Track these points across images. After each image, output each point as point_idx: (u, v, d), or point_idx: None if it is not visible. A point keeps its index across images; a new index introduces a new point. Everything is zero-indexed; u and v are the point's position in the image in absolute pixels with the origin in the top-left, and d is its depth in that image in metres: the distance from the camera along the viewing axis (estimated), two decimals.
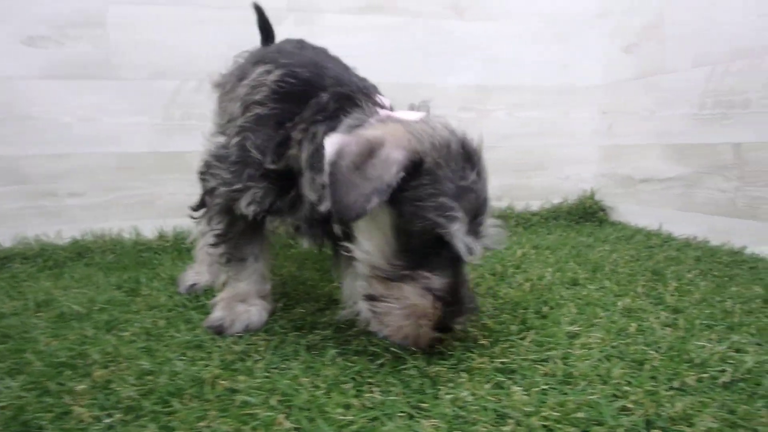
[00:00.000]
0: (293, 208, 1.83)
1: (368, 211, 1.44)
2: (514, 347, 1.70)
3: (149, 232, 3.36)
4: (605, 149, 4.19)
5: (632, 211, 3.94)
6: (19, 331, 1.92)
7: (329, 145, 1.51)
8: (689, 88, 3.36)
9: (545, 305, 2.10)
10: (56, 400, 1.41)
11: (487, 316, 1.99)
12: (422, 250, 1.55)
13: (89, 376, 1.54)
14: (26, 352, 1.70)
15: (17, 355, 1.69)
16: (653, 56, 3.65)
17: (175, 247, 3.25)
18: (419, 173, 1.51)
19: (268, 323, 1.98)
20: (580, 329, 1.84)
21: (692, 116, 3.35)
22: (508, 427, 1.26)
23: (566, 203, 4.17)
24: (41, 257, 3.01)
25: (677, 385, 1.45)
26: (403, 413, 1.33)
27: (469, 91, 3.94)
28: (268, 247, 2.09)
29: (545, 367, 1.56)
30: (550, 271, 2.58)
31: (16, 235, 3.17)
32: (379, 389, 1.45)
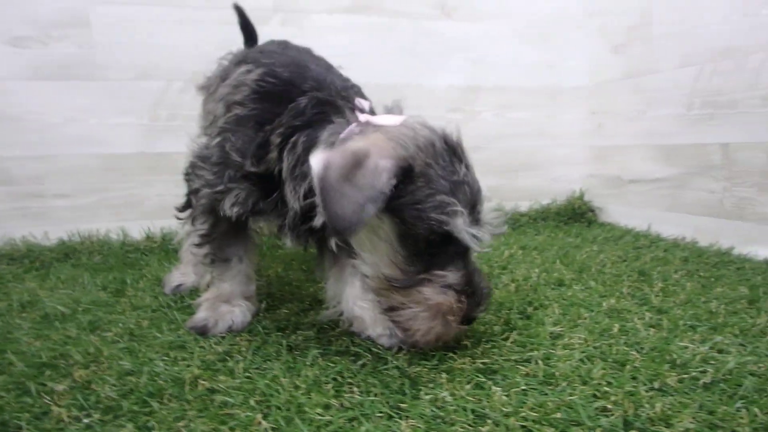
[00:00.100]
0: (276, 209, 1.82)
1: (364, 221, 1.43)
2: (496, 348, 1.70)
3: (136, 233, 3.35)
4: (594, 150, 4.19)
5: (621, 211, 3.94)
6: (1, 331, 1.91)
7: (315, 162, 1.49)
8: (677, 88, 3.37)
9: (530, 306, 2.11)
10: (36, 400, 1.41)
11: None
12: (430, 250, 1.57)
13: (70, 376, 1.53)
14: (7, 352, 1.69)
15: None
16: (641, 56, 3.66)
17: (162, 248, 3.24)
18: (412, 178, 1.51)
19: (251, 324, 1.97)
20: (563, 330, 1.84)
21: (680, 116, 3.36)
22: (486, 427, 1.26)
23: (555, 204, 4.17)
24: (28, 258, 3.00)
25: (658, 385, 1.45)
26: (382, 413, 1.33)
27: (456, 91, 3.94)
28: (252, 247, 2.08)
29: (526, 367, 1.56)
30: (536, 271, 2.58)
31: (2, 236, 3.15)
32: (359, 390, 1.45)
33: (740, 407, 1.34)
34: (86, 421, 1.31)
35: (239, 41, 2.62)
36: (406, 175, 1.50)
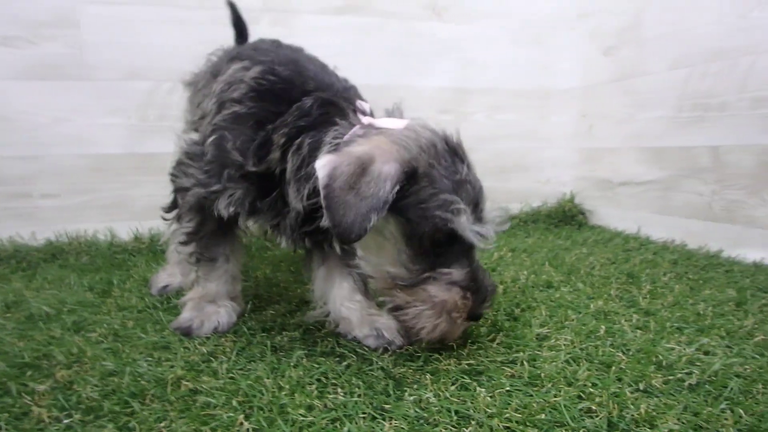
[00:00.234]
0: (273, 209, 1.81)
1: (368, 230, 1.44)
2: (482, 349, 1.70)
3: (125, 233, 3.32)
4: (584, 152, 4.19)
5: (611, 214, 3.94)
6: None
7: (320, 167, 1.50)
8: (667, 90, 3.37)
9: (517, 307, 2.10)
10: (16, 400, 1.40)
11: None
12: (435, 249, 1.58)
13: (52, 376, 1.52)
14: None
15: None
16: (632, 59, 3.66)
17: (150, 248, 3.22)
18: (416, 179, 1.53)
19: (237, 324, 1.96)
20: (549, 331, 1.84)
21: (670, 119, 3.36)
22: (469, 428, 1.25)
23: (545, 206, 4.17)
24: (14, 258, 2.97)
25: (643, 387, 1.45)
26: (365, 414, 1.33)
27: (447, 93, 3.93)
28: (239, 247, 2.07)
29: (512, 369, 1.56)
30: (525, 273, 2.58)
31: None
32: (342, 390, 1.45)
33: (725, 408, 1.35)
34: (66, 421, 1.31)
35: (229, 41, 2.60)
36: (410, 176, 1.51)
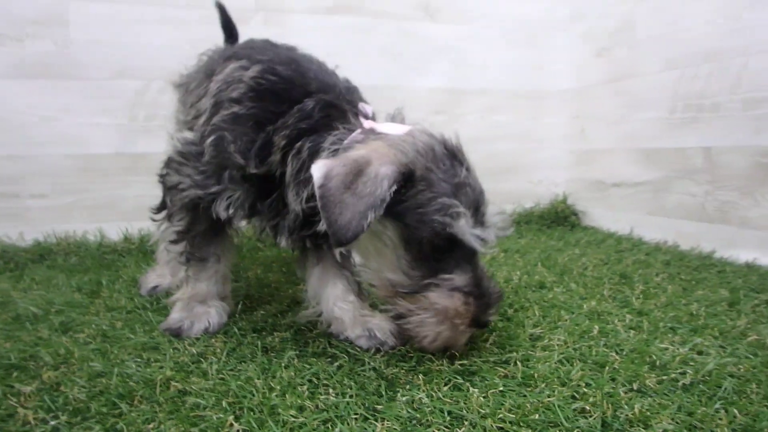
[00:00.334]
0: (273, 210, 1.79)
1: (365, 228, 1.42)
2: (474, 349, 1.69)
3: (114, 234, 3.30)
4: (577, 153, 4.19)
5: (604, 215, 3.94)
6: None
7: (316, 170, 1.48)
8: (660, 91, 3.37)
9: (510, 308, 2.09)
10: (2, 401, 1.38)
11: None
12: (435, 254, 1.55)
13: (39, 377, 1.50)
14: None
15: None
16: (625, 60, 3.67)
17: (140, 249, 3.19)
18: (413, 182, 1.50)
19: (227, 325, 1.94)
20: (543, 332, 1.83)
21: (663, 120, 3.36)
22: (462, 429, 1.24)
23: (538, 207, 4.17)
24: (2, 259, 2.94)
25: (637, 387, 1.44)
26: (357, 415, 1.31)
27: (440, 94, 3.93)
28: (231, 246, 2.05)
29: (505, 369, 1.55)
30: (518, 274, 2.57)
31: None
32: (334, 391, 1.43)
33: (719, 408, 1.34)
34: (53, 423, 1.29)
35: (220, 41, 2.58)
36: (407, 179, 1.49)
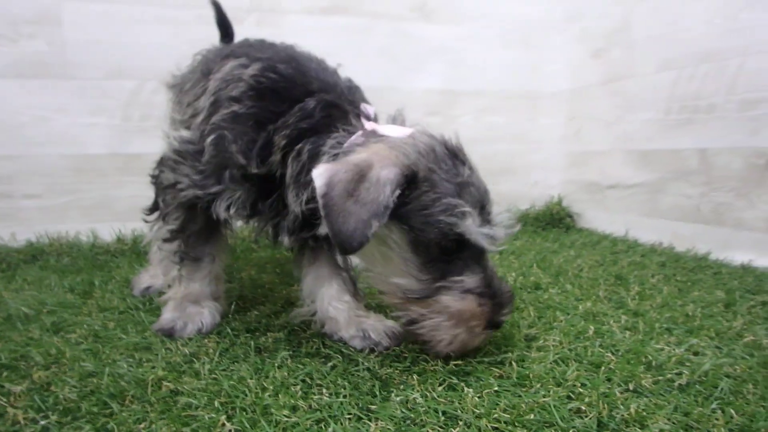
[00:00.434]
0: (273, 210, 1.78)
1: (370, 237, 1.40)
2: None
3: (107, 234, 3.29)
4: (572, 155, 4.19)
5: (599, 217, 3.94)
6: None
7: (317, 176, 1.46)
8: (655, 92, 3.37)
9: None
10: None
11: None
12: (444, 256, 1.53)
13: (29, 377, 1.49)
14: None
15: None
16: (620, 61, 3.66)
17: (133, 250, 3.18)
18: (416, 184, 1.49)
19: (220, 325, 1.93)
20: (538, 332, 1.83)
21: (658, 121, 3.36)
22: (457, 429, 1.23)
23: (533, 209, 4.16)
24: None
25: (633, 387, 1.43)
26: (351, 415, 1.30)
27: (435, 95, 3.92)
28: (224, 246, 2.04)
29: (500, 369, 1.54)
30: (513, 275, 2.56)
31: None
32: (327, 391, 1.42)
33: (716, 408, 1.33)
34: (43, 422, 1.27)
35: (215, 41, 2.56)
36: (410, 182, 1.48)
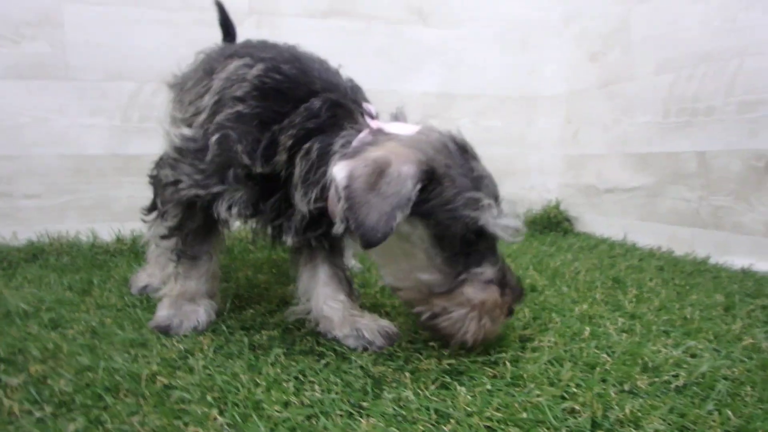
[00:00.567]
0: (275, 210, 1.77)
1: (393, 229, 1.42)
2: (463, 349, 1.67)
3: (106, 234, 3.29)
4: (570, 158, 4.19)
5: (597, 221, 3.93)
6: None
7: (338, 171, 1.48)
8: (653, 95, 3.37)
9: None
10: None
11: None
12: (465, 249, 1.56)
13: (26, 371, 1.49)
14: None
15: None
16: (618, 63, 3.66)
17: (132, 250, 3.17)
18: (438, 180, 1.51)
19: (215, 323, 1.93)
20: (533, 333, 1.82)
21: (656, 124, 3.36)
22: (448, 426, 1.23)
23: (531, 213, 4.15)
24: None
25: (628, 388, 1.43)
26: (342, 411, 1.30)
27: (432, 98, 3.93)
28: (221, 244, 2.04)
29: (494, 369, 1.54)
30: None
31: None
32: (320, 388, 1.42)
33: (712, 410, 1.32)
34: (38, 414, 1.28)
35: (214, 43, 2.56)
36: (429, 178, 1.50)
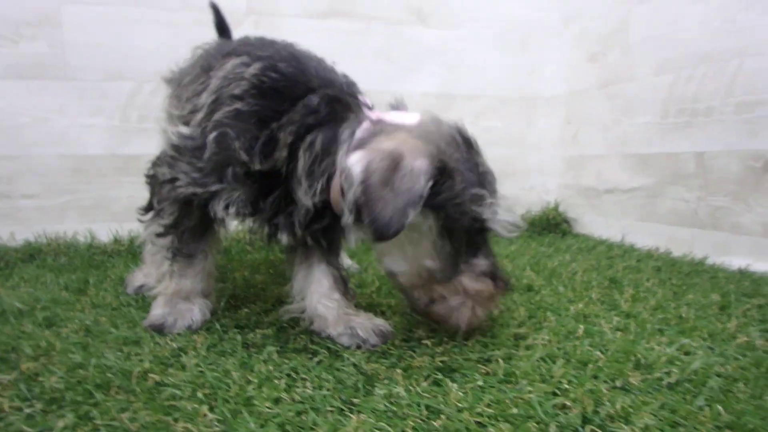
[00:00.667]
0: (274, 207, 1.76)
1: (405, 225, 1.45)
2: (457, 347, 1.68)
3: (104, 235, 3.29)
4: (569, 159, 4.19)
5: (596, 222, 3.93)
6: None
7: (354, 164, 1.50)
8: (653, 95, 3.37)
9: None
10: None
11: None
12: (464, 241, 1.60)
13: (18, 368, 1.49)
14: None
15: None
16: (617, 64, 3.66)
17: (129, 250, 3.17)
18: (449, 174, 1.54)
19: (210, 321, 1.93)
20: (527, 331, 1.82)
21: (655, 125, 3.35)
22: (438, 422, 1.23)
23: (529, 214, 4.14)
24: None
25: (620, 384, 1.43)
26: (333, 408, 1.30)
27: (431, 99, 3.92)
28: (217, 242, 2.05)
29: (487, 366, 1.54)
30: None
31: None
32: (312, 384, 1.42)
33: (703, 406, 1.32)
34: (28, 411, 1.28)
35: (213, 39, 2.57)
36: (441, 172, 1.52)
